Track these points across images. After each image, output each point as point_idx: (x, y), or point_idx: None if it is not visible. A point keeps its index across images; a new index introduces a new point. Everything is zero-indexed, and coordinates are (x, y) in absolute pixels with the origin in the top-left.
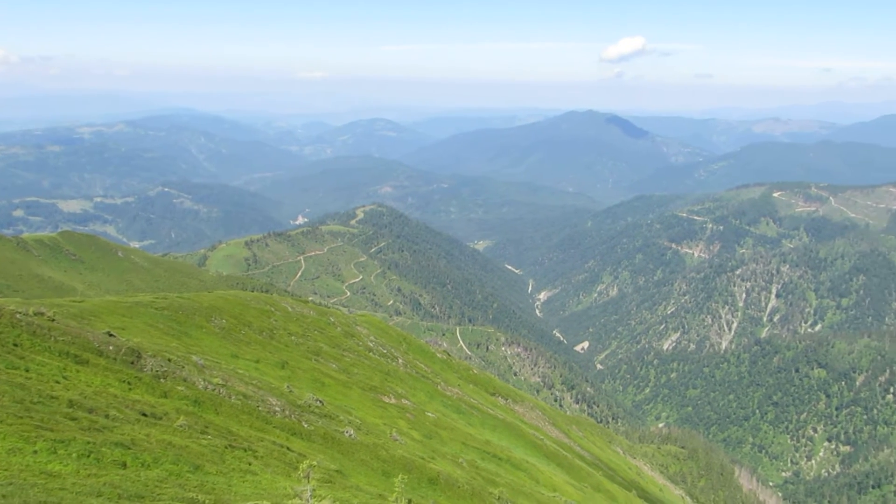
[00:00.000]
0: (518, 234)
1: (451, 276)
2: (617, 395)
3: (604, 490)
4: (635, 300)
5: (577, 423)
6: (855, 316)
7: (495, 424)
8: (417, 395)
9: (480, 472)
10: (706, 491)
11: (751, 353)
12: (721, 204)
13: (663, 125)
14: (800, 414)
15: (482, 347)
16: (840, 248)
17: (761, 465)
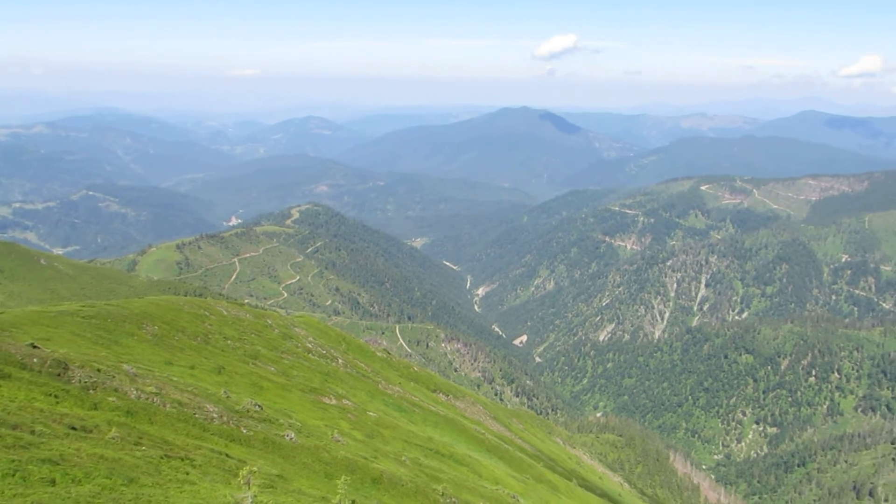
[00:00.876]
0: (455, 230)
1: (389, 274)
2: (556, 386)
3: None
4: (571, 293)
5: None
6: (779, 303)
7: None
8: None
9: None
10: (643, 476)
11: (682, 342)
12: (652, 197)
13: (595, 121)
14: (729, 398)
15: (422, 345)
16: (764, 238)
17: (694, 449)
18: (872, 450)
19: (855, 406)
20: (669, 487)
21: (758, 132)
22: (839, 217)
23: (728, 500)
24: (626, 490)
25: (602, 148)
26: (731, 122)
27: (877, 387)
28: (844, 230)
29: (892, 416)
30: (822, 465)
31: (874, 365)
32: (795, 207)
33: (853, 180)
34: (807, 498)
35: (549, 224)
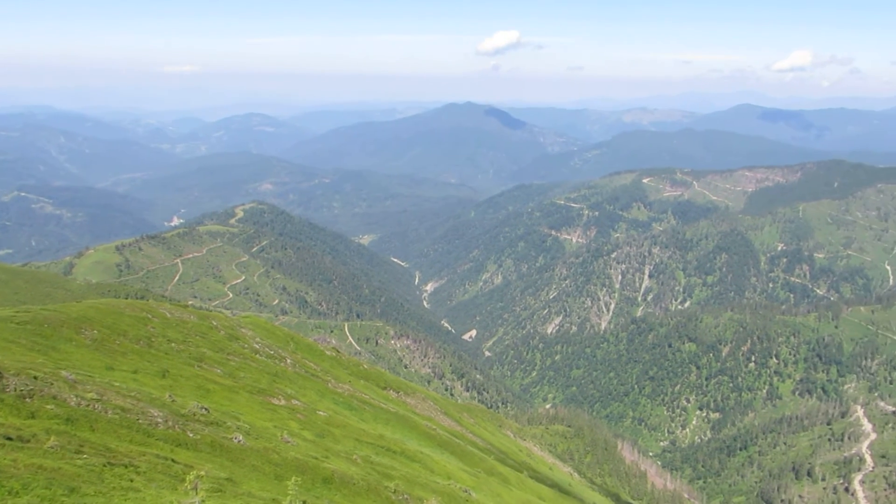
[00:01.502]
0: (403, 226)
1: (337, 272)
2: (505, 380)
3: (497, 474)
4: (519, 287)
5: (468, 411)
6: (719, 292)
7: (388, 418)
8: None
9: (375, 466)
10: (592, 466)
11: (628, 332)
12: (596, 191)
13: (539, 116)
14: (674, 386)
15: (371, 342)
16: (704, 229)
17: (641, 436)
18: (809, 431)
19: (792, 389)
20: (618, 475)
21: (696, 125)
22: (774, 207)
23: (674, 485)
24: (576, 480)
25: (547, 142)
26: (671, 116)
27: (812, 370)
28: (780, 220)
29: (827, 398)
30: (763, 448)
31: (810, 349)
32: (733, 198)
33: (787, 171)
34: (749, 480)
35: (496, 219)
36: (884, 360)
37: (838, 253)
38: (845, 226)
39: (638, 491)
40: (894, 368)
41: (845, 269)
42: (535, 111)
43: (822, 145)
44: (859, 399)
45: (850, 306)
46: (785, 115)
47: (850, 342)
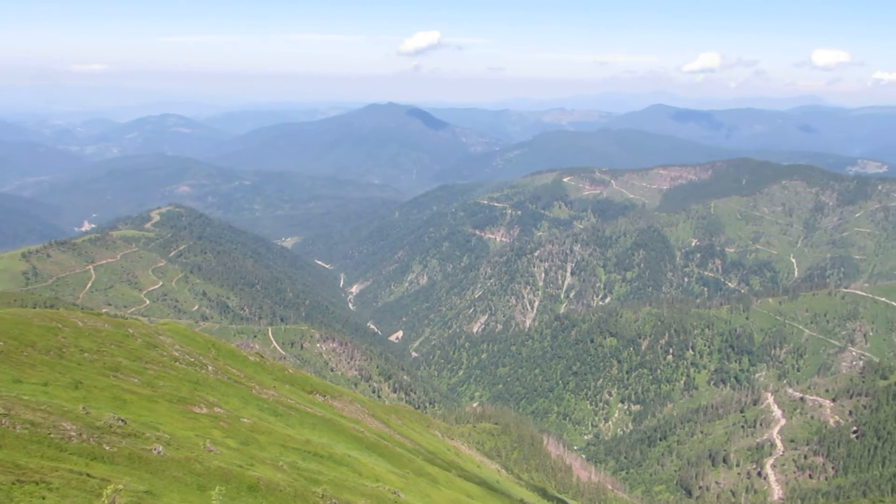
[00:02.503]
0: (327, 228)
1: (259, 275)
2: (433, 380)
3: (425, 474)
4: (445, 287)
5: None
6: (638, 287)
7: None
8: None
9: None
10: (519, 462)
11: (552, 329)
12: (518, 190)
13: (461, 116)
14: (596, 380)
15: (296, 346)
16: (622, 226)
17: (566, 431)
18: (724, 419)
19: (708, 380)
20: (544, 470)
21: (613, 125)
22: (688, 204)
23: (598, 477)
24: (504, 476)
25: (469, 143)
26: (589, 116)
27: (726, 360)
28: (693, 216)
29: (739, 387)
30: (681, 437)
31: (723, 341)
32: (649, 196)
33: (699, 169)
34: (668, 469)
35: (421, 219)
36: (791, 348)
37: (748, 247)
38: (753, 221)
39: (564, 485)
40: (801, 356)
41: (754, 262)
42: (458, 111)
43: (731, 144)
44: (769, 386)
45: (760, 298)
46: (696, 115)
47: (760, 332)
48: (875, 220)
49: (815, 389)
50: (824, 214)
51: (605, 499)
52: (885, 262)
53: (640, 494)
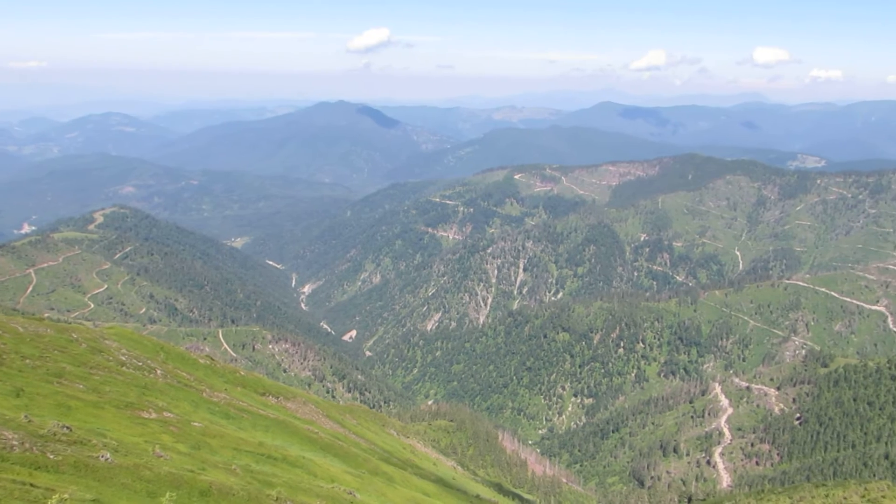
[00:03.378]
0: (277, 228)
1: (208, 276)
2: (387, 378)
3: (381, 473)
4: (398, 285)
5: (350, 412)
6: (589, 282)
7: (268, 425)
8: (181, 405)
9: (256, 475)
10: (475, 458)
11: (505, 325)
12: (470, 188)
13: (412, 114)
14: (550, 375)
15: (248, 347)
16: (573, 222)
17: (521, 426)
18: (674, 410)
19: (658, 372)
20: (499, 465)
21: (562, 122)
22: (636, 199)
23: (553, 470)
24: (460, 473)
25: (420, 140)
26: (539, 114)
27: (675, 352)
28: (641, 211)
29: (688, 378)
30: (633, 429)
31: (672, 333)
32: (599, 192)
33: (646, 165)
34: (621, 460)
35: (373, 218)
36: (737, 339)
37: (694, 241)
38: (700, 216)
39: (519, 479)
40: (746, 346)
41: (701, 256)
42: (408, 109)
43: (677, 140)
44: (717, 377)
45: (707, 291)
46: (643, 112)
47: (708, 324)
48: (815, 213)
49: (761, 378)
50: (767, 208)
51: (560, 492)
52: (825, 253)
53: (594, 486)
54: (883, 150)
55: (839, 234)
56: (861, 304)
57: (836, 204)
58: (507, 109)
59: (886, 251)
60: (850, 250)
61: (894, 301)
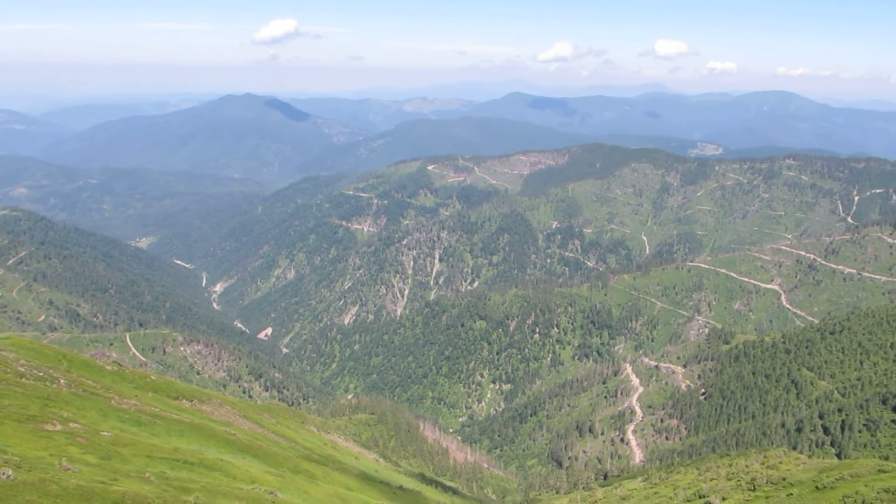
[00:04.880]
0: (185, 226)
1: (112, 279)
2: (305, 375)
3: (303, 471)
4: (313, 280)
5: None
6: (504, 270)
7: (182, 429)
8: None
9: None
10: (397, 449)
11: (423, 316)
12: (383, 180)
13: (323, 107)
14: (468, 363)
15: (158, 351)
16: (487, 211)
17: (441, 415)
18: (589, 391)
19: (572, 355)
20: (422, 455)
21: (473, 113)
22: (547, 188)
23: (474, 457)
24: (382, 465)
25: (332, 133)
26: (450, 105)
27: (588, 336)
28: (552, 199)
29: (601, 360)
30: (550, 412)
31: (585, 317)
32: (511, 181)
33: (556, 155)
34: (540, 443)
35: (285, 212)
36: (645, 320)
37: (603, 227)
38: (608, 203)
39: (441, 467)
40: (654, 327)
41: (610, 241)
42: (318, 102)
43: (584, 130)
44: (628, 358)
45: (616, 275)
46: (552, 103)
47: (618, 307)
48: (714, 199)
49: (668, 357)
50: (670, 194)
51: (482, 477)
52: (724, 236)
53: (515, 469)
54: (774, 138)
55: (737, 217)
56: (757, 284)
57: (734, 189)
58: (418, 101)
59: (779, 233)
60: (747, 233)
61: (787, 280)
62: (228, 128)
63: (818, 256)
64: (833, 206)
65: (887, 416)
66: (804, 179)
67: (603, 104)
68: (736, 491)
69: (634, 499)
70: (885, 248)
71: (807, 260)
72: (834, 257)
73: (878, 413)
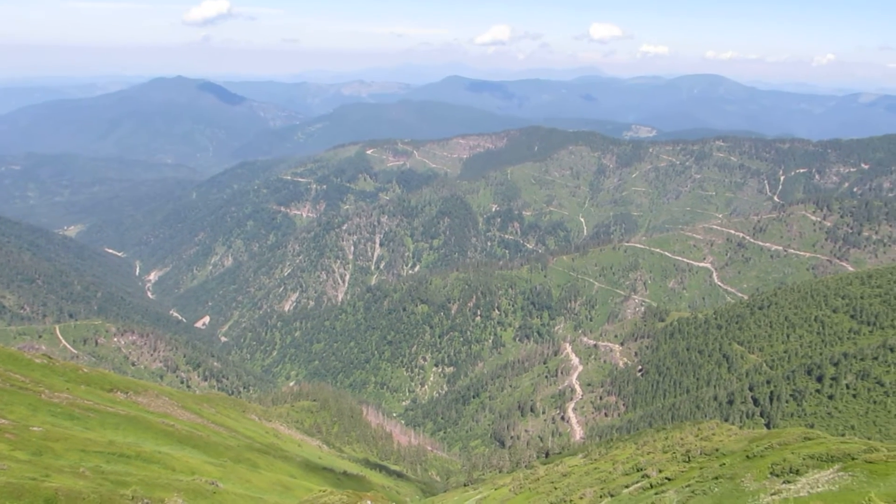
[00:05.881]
0: (116, 214)
1: (40, 269)
2: (246, 363)
3: (244, 460)
4: (252, 267)
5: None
6: (445, 254)
7: (118, 422)
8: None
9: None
10: (340, 435)
11: (364, 301)
12: (322, 164)
13: (258, 90)
14: (411, 347)
15: (90, 343)
16: (427, 195)
17: (385, 399)
18: (530, 372)
19: (514, 336)
20: (365, 440)
21: (412, 97)
22: (487, 171)
23: (418, 440)
24: (325, 452)
25: (268, 117)
26: (388, 88)
27: (529, 317)
28: (492, 183)
29: (542, 340)
30: (493, 393)
31: (525, 298)
32: (450, 165)
33: (495, 138)
34: (483, 424)
35: (221, 198)
36: (584, 301)
37: (542, 210)
38: (546, 185)
39: (385, 451)
40: (592, 307)
41: (549, 223)
42: (254, 85)
43: (522, 113)
44: (567, 337)
45: (555, 257)
46: (490, 86)
47: (557, 288)
48: (648, 180)
49: (606, 336)
50: (606, 176)
51: (426, 459)
52: (658, 216)
53: (458, 451)
54: (705, 120)
55: (670, 198)
56: (690, 262)
57: (667, 170)
58: (356, 84)
59: (710, 213)
60: (680, 213)
61: (718, 258)
62: (160, 111)
63: (747, 235)
64: (760, 185)
65: (812, 386)
66: (733, 160)
67: (540, 87)
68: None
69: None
70: (809, 226)
71: (736, 238)
72: (762, 235)
73: (803, 383)
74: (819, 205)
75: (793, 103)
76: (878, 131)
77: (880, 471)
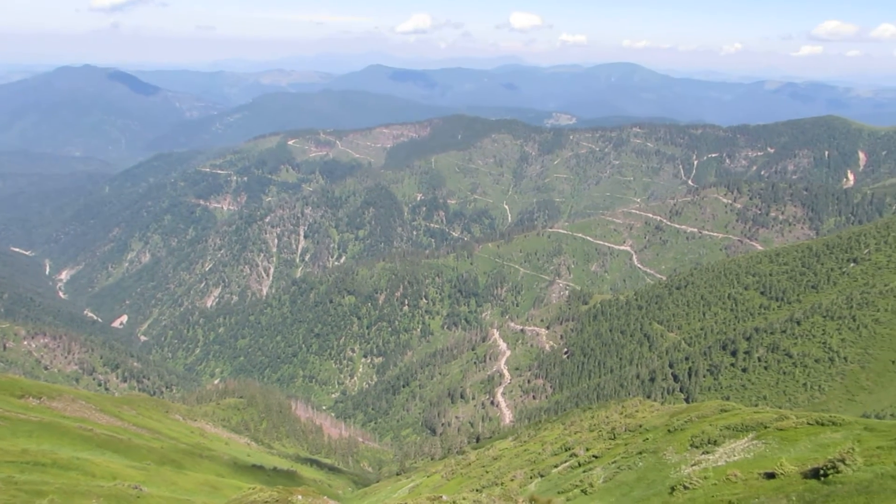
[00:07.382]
0: (22, 210)
1: None
2: (167, 362)
3: (169, 461)
4: (171, 262)
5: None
6: (370, 244)
7: (31, 429)
8: None
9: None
10: (269, 431)
11: (290, 294)
12: (242, 156)
13: (173, 79)
14: (339, 339)
15: None
16: (351, 186)
17: (314, 393)
18: (459, 359)
19: (442, 324)
20: (295, 435)
21: (333, 86)
22: (411, 160)
23: (349, 432)
24: (254, 449)
25: (184, 108)
26: (309, 78)
27: (456, 305)
28: (416, 172)
29: (470, 328)
30: (423, 381)
31: (452, 286)
32: (374, 155)
33: (418, 127)
34: (413, 413)
35: (136, 192)
36: (510, 287)
37: (467, 198)
38: (470, 174)
39: (316, 445)
40: (518, 293)
41: (474, 211)
42: (168, 74)
43: (445, 102)
44: (494, 323)
45: (481, 244)
46: (412, 75)
47: (484, 275)
48: (569, 167)
49: (532, 320)
50: (529, 164)
51: (357, 451)
52: (579, 202)
53: (390, 441)
54: (622, 108)
55: (591, 184)
56: (611, 246)
57: (587, 157)
58: (275, 73)
59: (629, 197)
60: (601, 198)
61: (637, 241)
62: (66, 102)
63: (664, 218)
64: (676, 170)
65: (727, 360)
66: (650, 146)
67: (462, 76)
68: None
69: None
70: (721, 208)
71: (654, 221)
72: (678, 218)
73: (719, 358)
74: (730, 188)
75: (704, 91)
76: (782, 117)
77: (790, 437)
